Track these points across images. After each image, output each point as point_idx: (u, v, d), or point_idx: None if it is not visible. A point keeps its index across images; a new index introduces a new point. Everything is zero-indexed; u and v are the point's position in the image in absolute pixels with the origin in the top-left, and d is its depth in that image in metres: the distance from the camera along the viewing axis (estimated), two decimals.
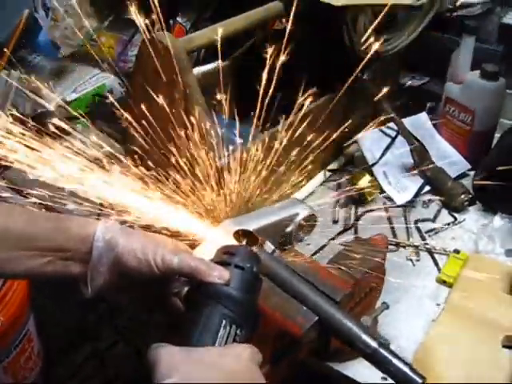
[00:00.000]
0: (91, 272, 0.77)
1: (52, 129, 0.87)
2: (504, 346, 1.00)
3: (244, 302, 0.73)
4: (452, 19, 1.62)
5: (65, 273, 0.77)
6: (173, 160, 1.09)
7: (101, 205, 0.87)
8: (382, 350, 0.76)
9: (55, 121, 0.88)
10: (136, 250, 0.76)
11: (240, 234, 0.83)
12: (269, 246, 0.90)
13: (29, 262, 0.76)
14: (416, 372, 0.75)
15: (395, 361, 0.76)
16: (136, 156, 1.12)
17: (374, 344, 0.76)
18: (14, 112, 0.86)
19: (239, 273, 0.75)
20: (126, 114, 1.10)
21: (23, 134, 0.80)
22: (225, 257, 0.77)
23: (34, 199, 0.86)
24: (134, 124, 1.21)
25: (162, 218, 0.89)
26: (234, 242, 0.83)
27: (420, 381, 0.74)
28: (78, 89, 1.69)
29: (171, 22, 1.65)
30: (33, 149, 0.80)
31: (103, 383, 1.78)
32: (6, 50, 1.61)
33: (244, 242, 0.82)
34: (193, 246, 0.89)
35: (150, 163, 1.15)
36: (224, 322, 0.70)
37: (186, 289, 0.81)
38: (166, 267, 0.75)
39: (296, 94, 1.40)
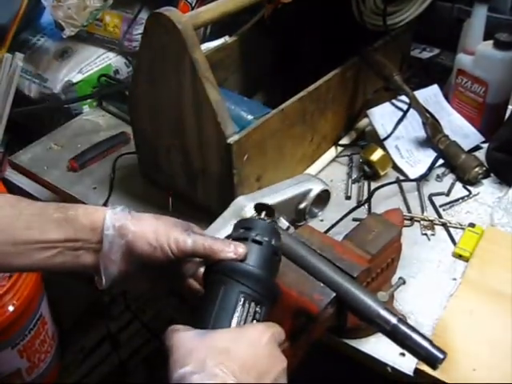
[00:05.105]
0: (103, 261, 0.75)
1: None
2: None
3: (262, 278, 0.70)
4: None
5: (75, 263, 0.75)
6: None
7: None
8: (401, 326, 0.75)
9: None
10: (148, 235, 0.74)
11: (259, 208, 0.81)
12: (283, 223, 0.88)
13: (37, 255, 0.73)
14: (437, 347, 0.73)
15: (415, 336, 0.74)
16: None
17: (393, 320, 0.75)
18: None
19: (257, 248, 0.72)
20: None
21: None
22: (241, 231, 0.75)
23: None
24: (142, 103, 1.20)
25: None
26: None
27: (441, 356, 0.72)
28: (83, 70, 1.67)
29: None
30: None
31: (117, 364, 1.79)
32: (8, 31, 1.59)
33: (263, 215, 0.79)
34: None
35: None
36: (242, 300, 0.67)
37: (202, 269, 0.79)
38: (180, 250, 0.74)
39: (305, 68, 1.38)
